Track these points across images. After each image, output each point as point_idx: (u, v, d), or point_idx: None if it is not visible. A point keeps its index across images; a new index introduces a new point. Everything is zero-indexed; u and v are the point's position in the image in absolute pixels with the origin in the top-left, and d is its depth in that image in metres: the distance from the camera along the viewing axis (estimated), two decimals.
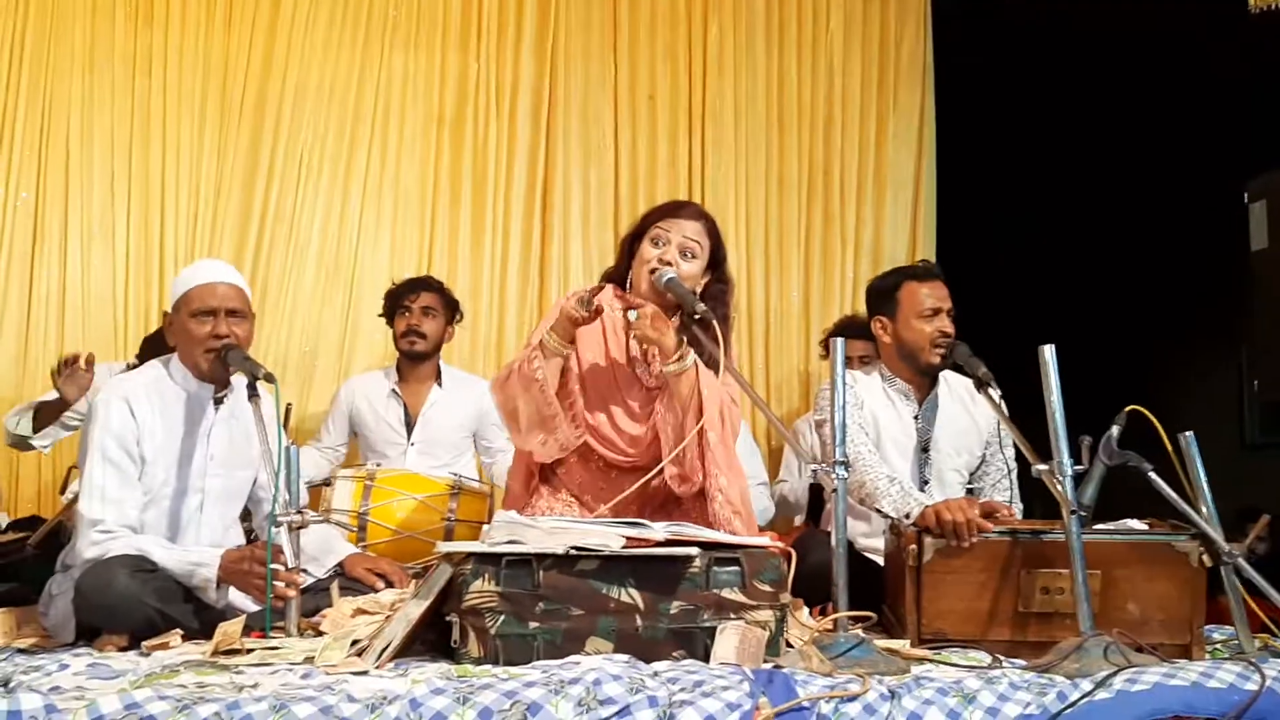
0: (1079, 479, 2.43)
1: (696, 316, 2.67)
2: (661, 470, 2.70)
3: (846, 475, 2.36)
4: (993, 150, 5.31)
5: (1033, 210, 5.32)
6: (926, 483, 3.08)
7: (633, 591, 2.25)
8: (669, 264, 2.73)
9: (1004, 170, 5.31)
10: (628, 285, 2.85)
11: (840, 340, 2.44)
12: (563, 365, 2.75)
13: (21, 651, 2.43)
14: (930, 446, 3.11)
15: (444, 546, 2.38)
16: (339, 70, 4.70)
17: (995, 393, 2.80)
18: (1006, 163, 5.32)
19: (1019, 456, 2.91)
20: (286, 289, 4.57)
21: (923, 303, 3.08)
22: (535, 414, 2.70)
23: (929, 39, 5.14)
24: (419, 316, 4.04)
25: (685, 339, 2.68)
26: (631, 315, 2.67)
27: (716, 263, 2.84)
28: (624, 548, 2.24)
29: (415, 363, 4.09)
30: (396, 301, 4.08)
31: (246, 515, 3.02)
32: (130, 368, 3.90)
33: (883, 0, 5.12)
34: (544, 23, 4.89)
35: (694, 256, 2.77)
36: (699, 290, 2.77)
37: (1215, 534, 2.46)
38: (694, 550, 2.26)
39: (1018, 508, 3.06)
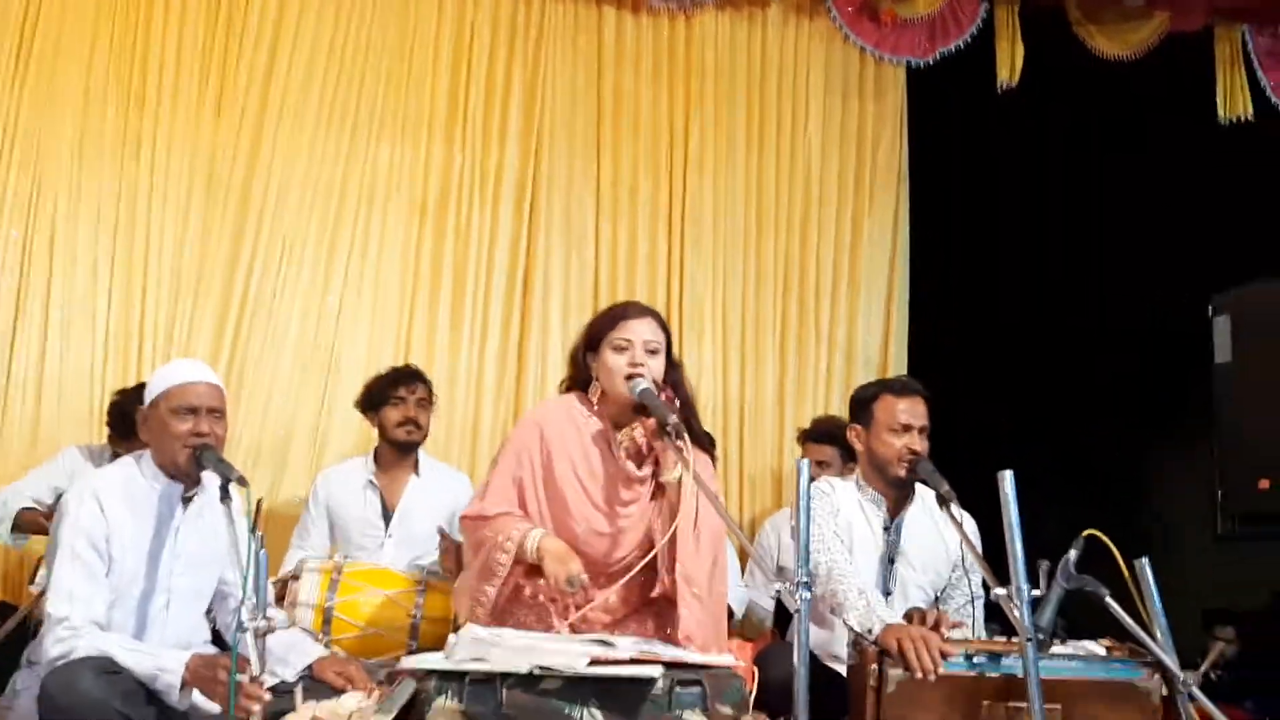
0: (1037, 603, 2.46)
1: (668, 429, 2.73)
2: (646, 566, 2.72)
3: (809, 596, 2.38)
4: (967, 251, 5.40)
5: (1007, 312, 5.40)
6: (889, 593, 3.10)
7: (595, 712, 2.26)
8: (639, 366, 2.82)
9: (978, 271, 5.41)
10: (589, 391, 2.93)
11: (805, 461, 2.48)
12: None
13: None
14: (896, 559, 3.12)
15: (408, 661, 2.39)
16: (325, 159, 4.72)
17: (957, 510, 2.83)
18: (981, 264, 5.41)
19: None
20: (263, 375, 4.55)
21: (896, 418, 3.11)
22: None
23: (904, 143, 5.27)
24: (414, 408, 3.99)
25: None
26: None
27: (668, 350, 2.96)
28: (588, 666, 2.26)
29: (405, 453, 4.04)
30: (389, 392, 4.01)
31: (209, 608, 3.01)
32: (111, 443, 3.89)
33: (861, 104, 5.25)
34: (529, 117, 4.96)
35: (656, 353, 2.87)
36: (661, 379, 2.86)
37: (1170, 661, 2.49)
38: (656, 671, 2.28)
39: (980, 634, 3.07)
